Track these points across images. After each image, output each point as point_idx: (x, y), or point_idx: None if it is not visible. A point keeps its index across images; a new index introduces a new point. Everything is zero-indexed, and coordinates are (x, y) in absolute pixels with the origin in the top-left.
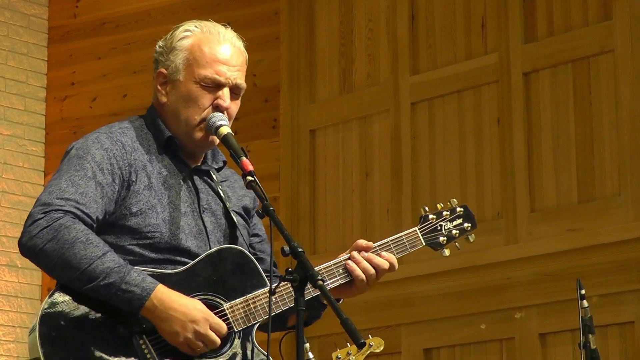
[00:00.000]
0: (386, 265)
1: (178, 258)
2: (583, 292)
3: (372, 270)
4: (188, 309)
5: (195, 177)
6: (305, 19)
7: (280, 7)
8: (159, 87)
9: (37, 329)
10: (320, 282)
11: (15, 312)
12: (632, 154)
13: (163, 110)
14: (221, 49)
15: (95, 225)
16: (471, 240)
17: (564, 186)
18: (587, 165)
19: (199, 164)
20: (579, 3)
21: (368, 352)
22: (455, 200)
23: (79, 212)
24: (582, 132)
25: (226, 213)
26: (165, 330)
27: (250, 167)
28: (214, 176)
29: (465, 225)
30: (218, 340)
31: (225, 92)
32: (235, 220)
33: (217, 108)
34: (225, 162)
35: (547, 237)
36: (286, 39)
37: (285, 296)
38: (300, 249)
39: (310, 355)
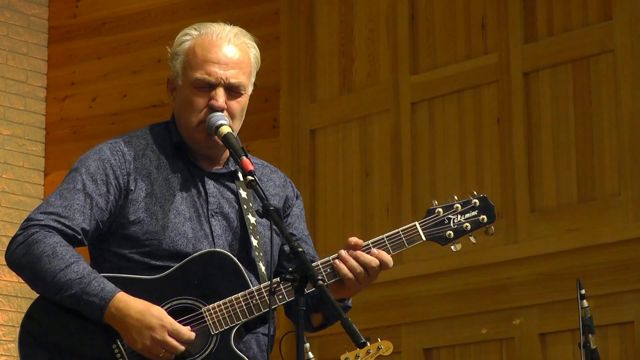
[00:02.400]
0: (375, 262)
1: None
2: (583, 292)
3: (360, 269)
4: (143, 316)
5: (208, 181)
6: (305, 19)
7: (280, 7)
8: (169, 94)
9: (18, 334)
10: (321, 282)
11: (15, 312)
12: (632, 154)
13: (175, 116)
14: (213, 49)
15: (80, 236)
16: (490, 233)
17: (564, 186)
18: (587, 165)
19: (220, 167)
20: (579, 3)
21: (377, 354)
22: (474, 192)
23: (57, 225)
24: (582, 132)
25: (240, 216)
26: (126, 338)
27: (251, 167)
28: (241, 177)
29: (481, 217)
30: (179, 346)
31: (218, 92)
32: (253, 222)
33: (212, 108)
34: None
35: (547, 237)
36: (286, 39)
37: (260, 302)
38: (300, 249)
39: (310, 355)
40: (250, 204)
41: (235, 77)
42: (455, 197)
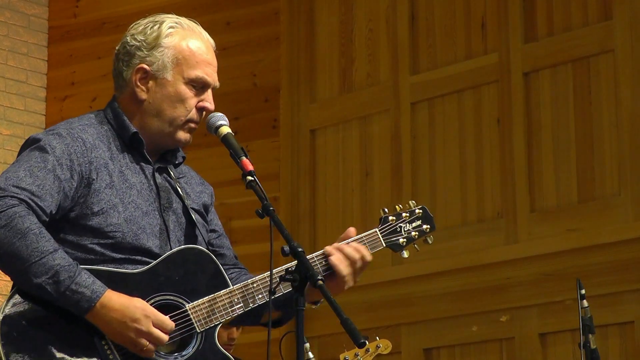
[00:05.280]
0: (358, 252)
1: (139, 258)
2: (583, 292)
3: (347, 260)
4: (127, 308)
5: (156, 175)
6: (305, 19)
7: (280, 7)
8: (138, 83)
9: None
10: (321, 282)
11: None
12: (632, 154)
13: (139, 107)
14: (206, 49)
15: (48, 220)
16: (430, 242)
17: (564, 186)
18: (587, 165)
19: (158, 161)
20: (579, 3)
21: (376, 353)
22: (413, 202)
23: (32, 204)
24: (582, 132)
25: (186, 211)
26: (109, 333)
27: (250, 167)
28: (172, 173)
29: (424, 227)
30: (164, 337)
31: (209, 94)
32: (195, 219)
33: (202, 110)
34: (184, 158)
35: (547, 237)
36: (286, 39)
37: (247, 297)
38: (300, 249)
39: (310, 355)
40: (188, 200)
41: (218, 81)
42: (398, 207)
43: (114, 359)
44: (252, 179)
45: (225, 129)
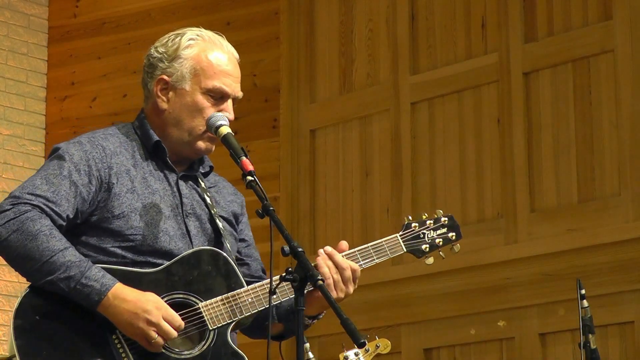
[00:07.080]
0: (347, 265)
1: (159, 261)
2: (583, 292)
3: (335, 269)
4: (139, 300)
5: (181, 182)
6: (305, 19)
7: (280, 7)
8: (159, 94)
9: (12, 323)
10: (320, 282)
11: None
12: (632, 154)
13: (161, 117)
14: (227, 60)
15: (65, 224)
16: (456, 250)
17: (564, 186)
18: (587, 165)
19: (186, 170)
20: (579, 3)
21: (375, 353)
22: (441, 210)
23: (47, 209)
24: (582, 132)
25: (211, 219)
26: (120, 324)
27: (250, 167)
28: (202, 182)
29: (450, 234)
30: (172, 331)
31: (229, 105)
32: (221, 227)
33: None
34: (211, 168)
35: (547, 237)
36: (286, 39)
37: (255, 300)
38: (300, 249)
39: (310, 355)
40: (215, 210)
41: (240, 92)
42: (424, 215)
43: (124, 353)
44: (252, 179)
45: (225, 129)
